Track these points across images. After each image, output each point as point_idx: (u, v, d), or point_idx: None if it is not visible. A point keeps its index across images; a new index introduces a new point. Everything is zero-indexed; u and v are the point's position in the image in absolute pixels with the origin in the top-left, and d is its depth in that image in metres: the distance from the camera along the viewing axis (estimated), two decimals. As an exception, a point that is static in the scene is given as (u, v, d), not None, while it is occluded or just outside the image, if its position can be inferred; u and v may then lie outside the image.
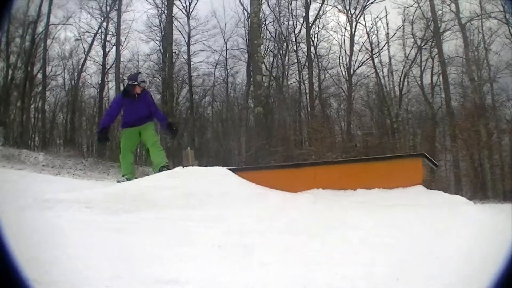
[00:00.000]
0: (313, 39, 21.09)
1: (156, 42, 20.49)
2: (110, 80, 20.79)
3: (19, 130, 18.24)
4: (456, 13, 16.11)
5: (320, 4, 19.80)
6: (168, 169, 5.28)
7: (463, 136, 14.40)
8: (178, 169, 4.86)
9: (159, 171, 5.22)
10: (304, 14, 20.03)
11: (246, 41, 21.33)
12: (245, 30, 21.14)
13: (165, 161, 5.43)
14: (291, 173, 5.13)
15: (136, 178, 5.34)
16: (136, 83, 5.33)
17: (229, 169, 5.13)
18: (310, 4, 19.77)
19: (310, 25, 19.81)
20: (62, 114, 23.62)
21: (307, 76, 20.80)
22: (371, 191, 4.85)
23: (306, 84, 20.67)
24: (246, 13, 20.25)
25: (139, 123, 5.46)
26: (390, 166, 5.09)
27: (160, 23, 20.86)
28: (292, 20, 20.95)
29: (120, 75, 19.23)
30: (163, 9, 20.04)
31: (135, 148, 5.71)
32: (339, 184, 4.90)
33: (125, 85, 5.43)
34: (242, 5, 18.87)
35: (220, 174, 4.69)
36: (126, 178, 5.34)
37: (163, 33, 19.95)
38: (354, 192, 4.86)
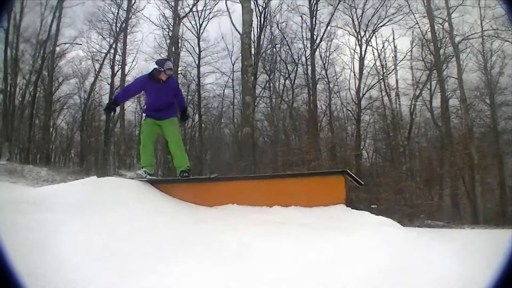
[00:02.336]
0: (324, 62, 21.07)
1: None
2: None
3: (26, 146, 19.03)
4: (449, 32, 15.55)
5: (325, 26, 19.79)
6: (189, 174, 5.18)
7: (454, 159, 13.60)
8: (93, 177, 4.85)
9: (179, 175, 5.15)
10: (309, 37, 20.09)
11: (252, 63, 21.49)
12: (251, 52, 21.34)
13: (186, 165, 5.21)
14: (210, 187, 4.97)
15: (155, 171, 5.23)
16: (162, 69, 5.10)
17: (151, 181, 5.05)
18: (314, 27, 19.83)
19: (315, 47, 19.78)
20: (79, 132, 24.70)
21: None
22: (287, 208, 4.59)
23: (311, 107, 20.45)
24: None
25: (161, 113, 5.27)
26: (311, 183, 4.82)
27: (172, 46, 21.58)
28: (303, 43, 21.10)
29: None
30: (167, 31, 20.78)
31: (155, 138, 5.52)
32: (257, 200, 4.68)
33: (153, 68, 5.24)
34: (234, 26, 19.11)
35: (130, 186, 4.60)
36: (145, 171, 5.17)
37: (167, 53, 20.52)
38: (269, 209, 4.61)
